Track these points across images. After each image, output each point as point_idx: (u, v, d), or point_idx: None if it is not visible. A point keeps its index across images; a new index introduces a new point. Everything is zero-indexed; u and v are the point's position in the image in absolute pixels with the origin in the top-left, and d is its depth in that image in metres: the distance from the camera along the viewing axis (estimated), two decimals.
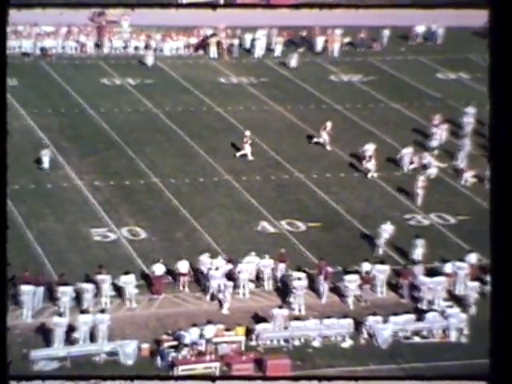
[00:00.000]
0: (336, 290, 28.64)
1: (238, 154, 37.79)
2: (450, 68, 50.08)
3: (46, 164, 35.79)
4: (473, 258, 29.66)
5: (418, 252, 30.26)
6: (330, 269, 28.50)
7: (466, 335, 26.77)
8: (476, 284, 28.46)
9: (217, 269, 28.23)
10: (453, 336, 26.72)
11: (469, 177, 36.53)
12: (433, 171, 36.77)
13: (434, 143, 38.64)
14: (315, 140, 39.15)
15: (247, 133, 38.05)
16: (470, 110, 40.76)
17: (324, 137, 38.79)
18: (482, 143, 39.58)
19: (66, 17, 42.08)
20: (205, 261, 28.73)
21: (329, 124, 39.03)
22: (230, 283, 27.60)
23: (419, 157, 37.37)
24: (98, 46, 50.51)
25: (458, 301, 28.29)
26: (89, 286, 27.06)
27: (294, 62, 48.58)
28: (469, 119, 40.13)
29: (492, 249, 17.25)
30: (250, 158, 37.75)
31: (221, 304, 27.55)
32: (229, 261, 28.81)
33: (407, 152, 37.38)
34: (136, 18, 48.88)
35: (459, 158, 37.90)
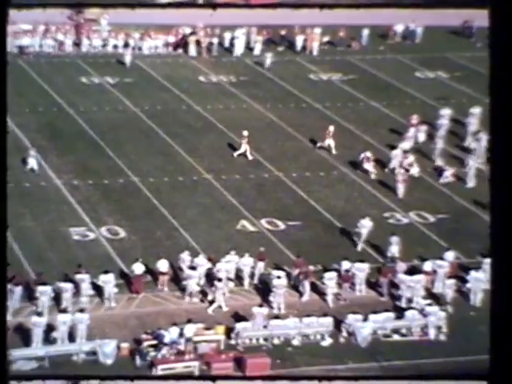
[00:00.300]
0: (315, 289, 28.68)
1: (250, 157, 37.63)
2: (428, 67, 50.31)
3: (33, 166, 35.48)
4: (450, 255, 29.80)
5: (394, 249, 30.39)
6: (311, 267, 28.53)
7: (444, 333, 26.89)
8: (453, 281, 28.62)
9: (194, 268, 28.21)
10: (431, 334, 26.83)
11: (448, 175, 36.70)
12: (415, 171, 36.93)
13: (407, 144, 38.56)
14: (319, 145, 38.80)
15: (245, 133, 37.96)
16: (446, 111, 40.92)
17: (329, 142, 38.48)
18: (458, 143, 39.82)
19: (44, 15, 41.79)
20: (185, 258, 28.69)
21: (331, 128, 38.72)
22: (220, 284, 27.53)
23: (403, 157, 37.36)
24: (76, 44, 50.33)
25: (437, 299, 28.42)
26: (67, 286, 26.92)
27: (268, 61, 48.49)
28: (443, 121, 40.31)
29: (492, 248, 17.28)
30: (250, 157, 37.66)
31: (210, 303, 27.50)
32: (209, 259, 28.77)
33: (397, 153, 37.32)
34: (115, 17, 48.71)
35: (434, 157, 38.04)
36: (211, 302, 27.48)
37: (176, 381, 22.09)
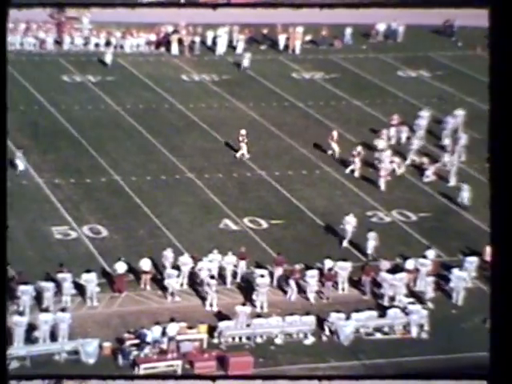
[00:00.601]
0: (298, 287, 28.66)
1: (238, 154, 37.51)
2: (410, 66, 50.48)
3: (20, 167, 35.26)
4: (431, 254, 29.91)
5: (371, 245, 30.48)
6: (297, 266, 28.51)
7: (426, 331, 26.99)
8: (432, 279, 28.74)
9: (177, 267, 28.18)
10: (414, 332, 26.92)
11: (430, 175, 36.82)
12: (401, 170, 37.10)
13: (382, 143, 38.59)
14: (330, 153, 38.09)
15: (243, 132, 37.90)
16: (425, 113, 41.00)
17: (334, 147, 38.10)
18: (438, 143, 39.92)
19: (25, 13, 41.60)
20: (168, 256, 28.64)
21: (335, 133, 38.35)
22: (214, 281, 27.52)
23: (391, 160, 37.41)
24: (57, 42, 50.12)
25: (419, 297, 28.51)
26: (49, 285, 26.80)
27: (246, 61, 48.31)
28: (422, 121, 40.41)
29: (492, 248, 17.29)
30: (247, 156, 37.55)
31: (203, 301, 27.51)
32: (193, 258, 28.73)
33: (387, 154, 37.29)
34: (96, 15, 48.55)
35: (410, 157, 38.04)
36: (203, 299, 27.49)
37: (175, 380, 22.08)
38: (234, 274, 29.05)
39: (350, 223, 31.40)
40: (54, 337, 25.12)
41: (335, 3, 24.38)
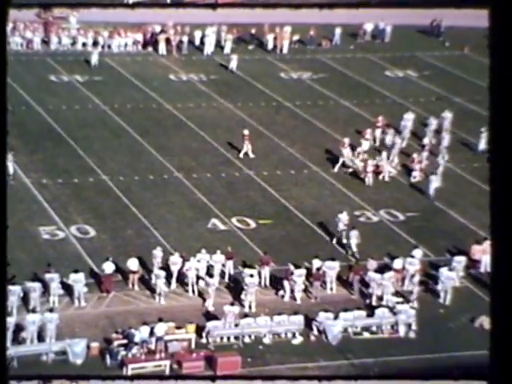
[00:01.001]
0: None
1: (242, 154, 37.52)
2: (397, 66, 50.61)
3: (9, 169, 35.09)
4: (418, 253, 29.98)
5: (353, 243, 30.53)
6: (291, 267, 28.49)
7: (414, 330, 27.05)
8: (417, 278, 28.80)
9: (164, 268, 28.15)
10: (401, 331, 26.98)
11: (417, 175, 36.85)
12: (393, 171, 37.24)
13: (366, 144, 38.63)
14: (348, 163, 37.43)
15: (245, 131, 37.89)
16: (410, 115, 41.02)
17: (345, 153, 37.58)
18: (420, 144, 40.04)
19: (11, 12, 41.37)
20: (157, 255, 28.61)
21: (346, 140, 37.81)
22: (212, 280, 27.50)
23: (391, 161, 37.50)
24: (45, 42, 49.97)
25: (405, 296, 28.57)
26: (36, 285, 26.71)
27: (233, 63, 48.21)
28: (407, 123, 40.47)
29: (492, 248, 17.31)
30: (251, 155, 37.58)
31: (204, 300, 27.51)
32: (182, 257, 28.70)
33: (383, 157, 37.30)
34: (83, 15, 48.43)
35: (393, 157, 38.05)
36: (204, 299, 27.52)
37: (175, 381, 22.04)
38: (222, 274, 29.04)
39: (342, 221, 31.43)
40: (41, 337, 25.04)
41: (335, 3, 24.35)
